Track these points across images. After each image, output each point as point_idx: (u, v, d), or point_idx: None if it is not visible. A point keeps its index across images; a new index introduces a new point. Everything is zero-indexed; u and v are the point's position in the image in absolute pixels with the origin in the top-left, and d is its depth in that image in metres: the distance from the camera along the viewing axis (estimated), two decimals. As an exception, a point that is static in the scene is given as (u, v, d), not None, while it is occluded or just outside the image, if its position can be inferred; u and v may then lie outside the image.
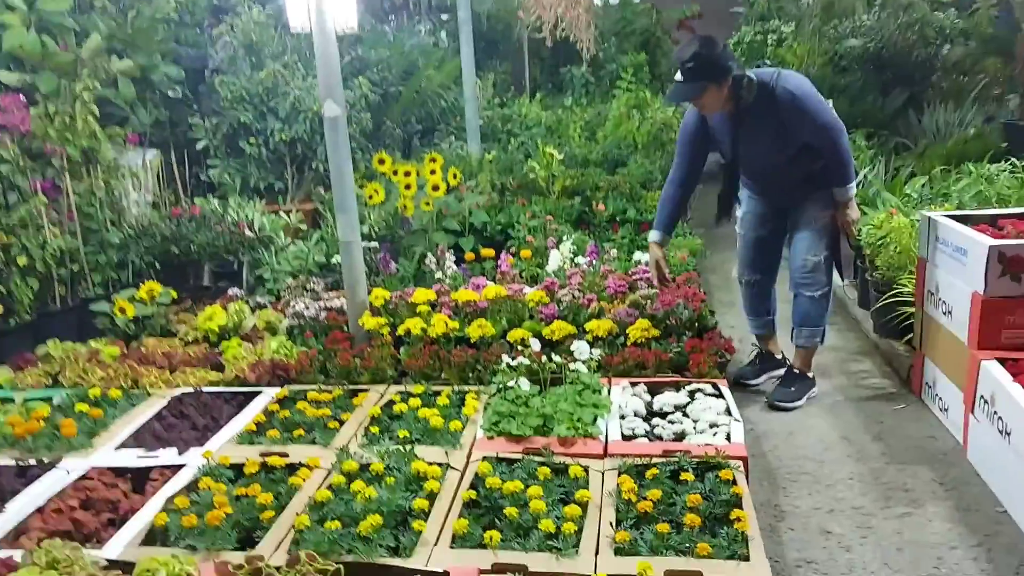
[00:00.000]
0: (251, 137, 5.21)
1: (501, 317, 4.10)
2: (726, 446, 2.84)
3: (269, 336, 4.07)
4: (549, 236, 5.21)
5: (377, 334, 3.93)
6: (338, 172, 3.93)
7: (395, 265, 4.71)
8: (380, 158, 5.41)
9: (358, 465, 2.79)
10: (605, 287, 4.32)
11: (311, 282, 4.38)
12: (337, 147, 3.91)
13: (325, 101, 3.88)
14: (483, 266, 5.06)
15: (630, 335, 3.75)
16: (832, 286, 3.76)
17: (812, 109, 3.44)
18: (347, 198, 3.96)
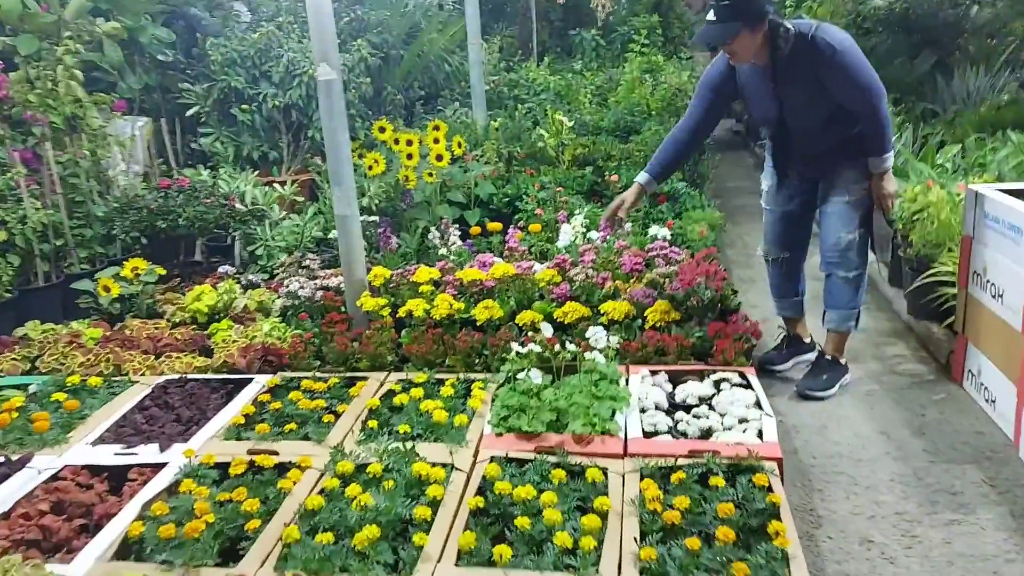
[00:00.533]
0: (243, 104, 4.91)
1: (509, 297, 3.83)
2: (758, 445, 2.59)
3: (261, 318, 3.81)
4: (559, 209, 4.92)
5: (376, 316, 3.67)
6: (333, 141, 3.65)
7: (396, 240, 4.43)
8: (380, 126, 5.11)
9: (354, 466, 2.54)
10: (620, 264, 4.04)
11: (307, 259, 4.10)
12: (332, 114, 3.62)
13: (319, 64, 3.59)
14: (489, 241, 4.79)
15: (648, 318, 3.48)
16: (867, 266, 3.47)
17: (853, 66, 3.13)
18: (343, 169, 3.68)
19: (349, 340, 3.48)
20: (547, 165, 5.96)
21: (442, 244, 4.49)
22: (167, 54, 5.71)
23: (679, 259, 4.15)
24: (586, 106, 7.41)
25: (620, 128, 6.83)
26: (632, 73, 7.49)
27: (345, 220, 3.73)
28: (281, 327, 3.69)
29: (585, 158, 6.01)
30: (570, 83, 7.81)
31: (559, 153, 6.01)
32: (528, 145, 6.07)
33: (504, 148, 6.05)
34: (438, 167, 4.93)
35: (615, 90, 7.84)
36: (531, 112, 7.32)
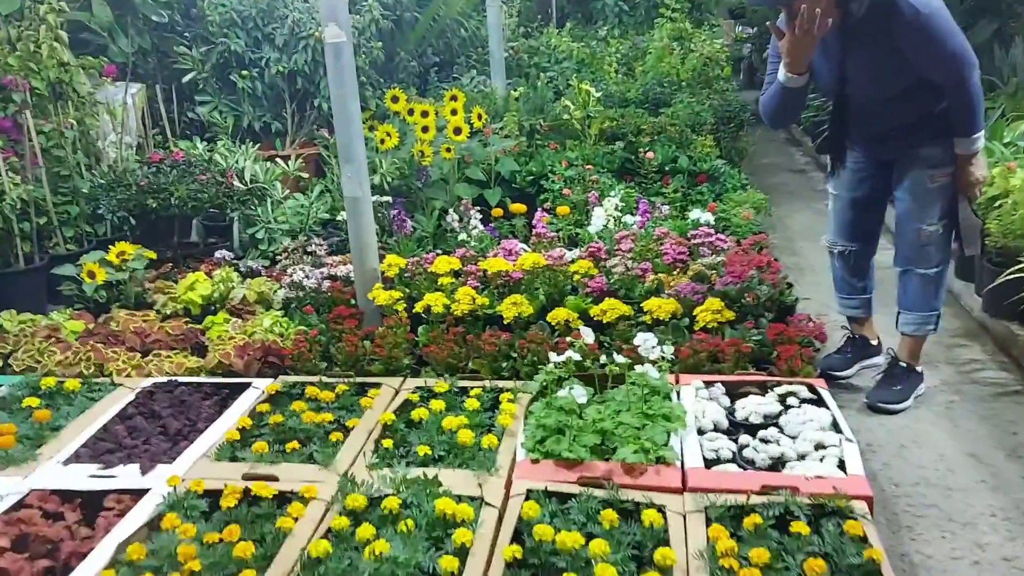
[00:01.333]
0: (243, 69, 4.48)
1: (539, 291, 3.43)
2: (842, 480, 2.19)
3: (261, 310, 3.41)
4: (589, 189, 4.49)
5: (391, 311, 3.28)
6: (343, 112, 3.23)
7: (411, 223, 4.02)
8: (394, 95, 4.68)
9: (366, 500, 2.15)
10: (661, 254, 3.63)
11: (312, 244, 3.70)
12: (342, 81, 3.20)
13: (327, 24, 3.16)
14: (512, 225, 4.38)
15: (698, 318, 3.07)
16: (949, 262, 3.05)
17: (940, 31, 2.68)
18: (354, 144, 3.26)
19: (360, 339, 3.09)
20: (572, 139, 5.52)
21: (461, 228, 4.08)
22: (162, 14, 5.27)
23: (725, 247, 3.75)
24: (612, 76, 6.94)
25: (649, 100, 6.37)
26: (661, 41, 7.00)
27: (356, 203, 3.32)
28: (283, 322, 3.30)
29: (613, 132, 5.56)
30: (594, 51, 7.32)
31: (585, 126, 5.56)
32: (552, 117, 5.62)
33: (526, 120, 5.61)
34: (456, 141, 4.50)
35: (641, 59, 7.36)
36: (553, 81, 6.86)
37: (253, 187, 3.78)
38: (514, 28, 7.78)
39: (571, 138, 5.57)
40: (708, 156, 4.96)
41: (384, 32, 5.12)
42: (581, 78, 6.31)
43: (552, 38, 7.62)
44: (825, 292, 4.11)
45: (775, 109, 2.95)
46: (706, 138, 5.37)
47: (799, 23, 2.64)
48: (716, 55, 6.86)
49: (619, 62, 7.24)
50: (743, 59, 12.65)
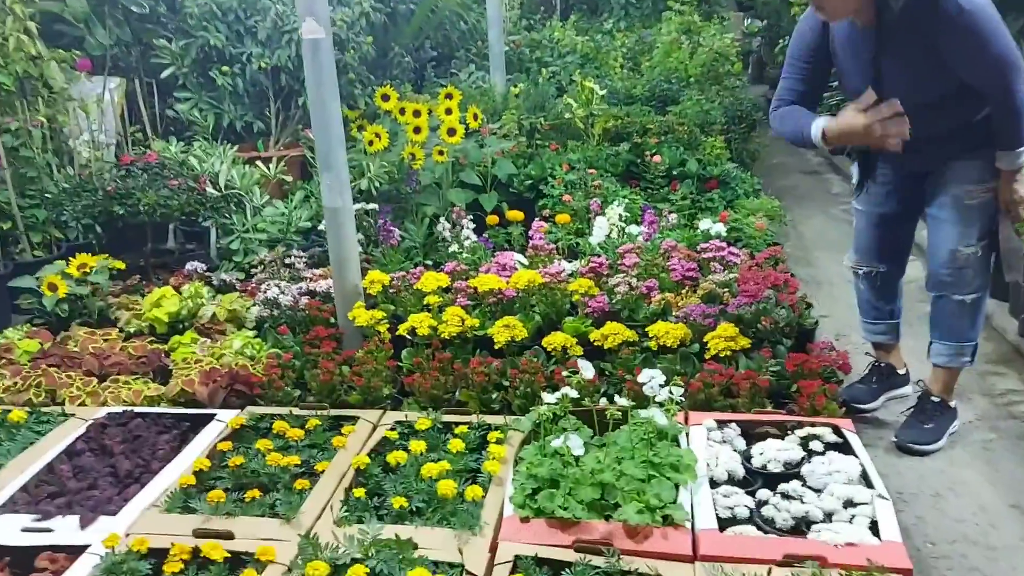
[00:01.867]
0: (224, 65, 4.19)
1: (535, 311, 3.15)
2: (876, 548, 1.91)
3: (232, 330, 3.14)
4: (591, 196, 4.20)
5: (372, 332, 3.00)
6: (323, 115, 2.95)
7: (399, 232, 3.73)
8: (384, 93, 4.39)
9: (328, 568, 1.88)
10: (668, 269, 3.34)
11: (291, 255, 3.42)
12: (321, 80, 2.92)
13: (304, 19, 2.87)
14: (508, 233, 4.09)
15: (710, 346, 2.78)
16: (988, 288, 2.76)
17: (984, 31, 2.38)
18: (334, 150, 2.98)
19: (338, 364, 2.81)
20: (574, 140, 5.23)
21: (453, 238, 3.80)
22: (143, 4, 4.97)
23: (738, 262, 3.46)
24: (617, 71, 6.63)
25: (655, 97, 6.07)
26: (669, 34, 6.69)
27: (336, 214, 3.04)
28: (255, 343, 3.02)
29: (618, 132, 5.27)
30: (599, 45, 7.01)
31: (588, 126, 5.27)
32: (553, 116, 5.32)
33: (526, 119, 5.32)
34: (450, 143, 4.21)
35: (647, 53, 7.05)
36: (555, 77, 6.55)
37: (228, 193, 3.49)
38: (515, 20, 7.47)
39: (573, 138, 5.27)
40: (719, 159, 4.67)
41: (376, 26, 4.83)
42: (585, 74, 6.01)
43: (555, 31, 7.31)
44: (844, 309, 3.84)
45: (789, 139, 2.71)
46: (716, 139, 5.07)
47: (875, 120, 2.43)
48: (726, 50, 6.54)
49: (625, 56, 6.94)
50: (752, 52, 12.30)
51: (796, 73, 2.68)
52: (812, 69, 2.65)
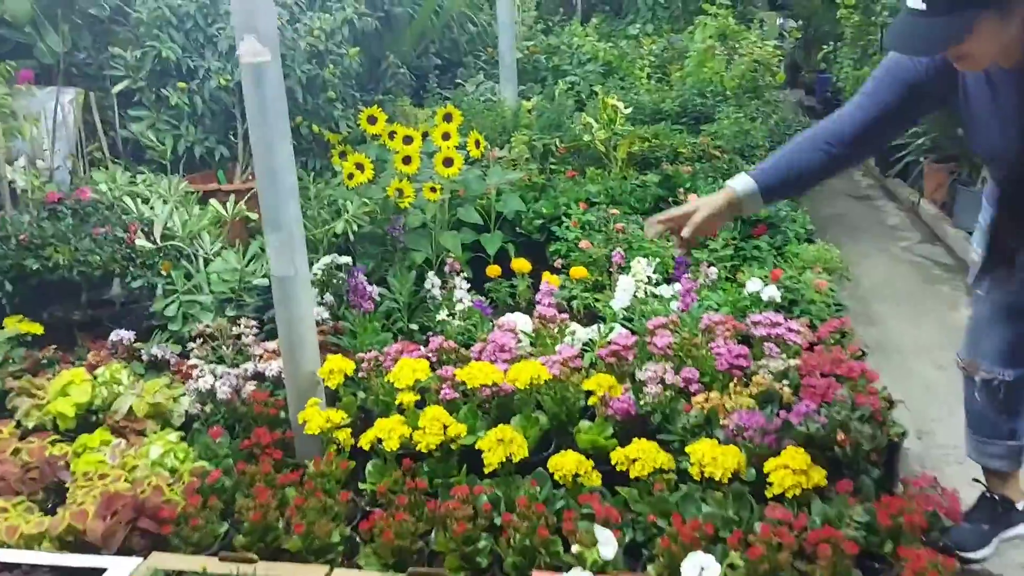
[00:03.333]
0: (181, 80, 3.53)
1: (542, 410, 2.46)
2: None
3: (155, 428, 2.47)
4: (613, 242, 3.50)
5: (330, 440, 2.33)
6: (268, 161, 2.28)
7: (377, 291, 3.05)
8: (371, 115, 3.72)
9: None
10: (711, 352, 2.64)
11: (239, 323, 2.75)
12: (265, 117, 2.25)
13: (242, 38, 2.20)
14: (513, 287, 3.41)
15: (772, 480, 2.08)
16: None
17: None
18: (283, 204, 2.31)
19: (278, 491, 2.14)
20: (595, 165, 4.54)
21: (443, 299, 3.11)
22: (103, 5, 4.32)
23: (798, 340, 2.76)
24: (643, 82, 5.92)
25: (687, 112, 5.35)
26: (703, 41, 5.96)
27: (286, 285, 2.37)
28: (180, 450, 2.35)
29: (644, 156, 4.57)
30: (623, 52, 6.30)
31: (610, 148, 4.57)
32: (571, 137, 4.62)
33: (539, 139, 4.62)
34: (447, 176, 3.53)
35: (678, 61, 6.32)
36: (574, 88, 5.85)
37: (166, 245, 2.83)
38: (531, 24, 6.77)
39: (593, 163, 4.58)
40: (765, 195, 3.94)
41: (367, 33, 4.15)
42: (607, 88, 5.30)
43: (575, 36, 6.60)
44: (922, 390, 3.15)
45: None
46: (759, 167, 4.34)
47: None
48: (768, 59, 5.81)
49: (652, 65, 6.21)
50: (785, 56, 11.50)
51: (882, 93, 1.92)
52: (909, 98, 1.91)
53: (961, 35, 1.59)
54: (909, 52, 1.74)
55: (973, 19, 1.57)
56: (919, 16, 1.59)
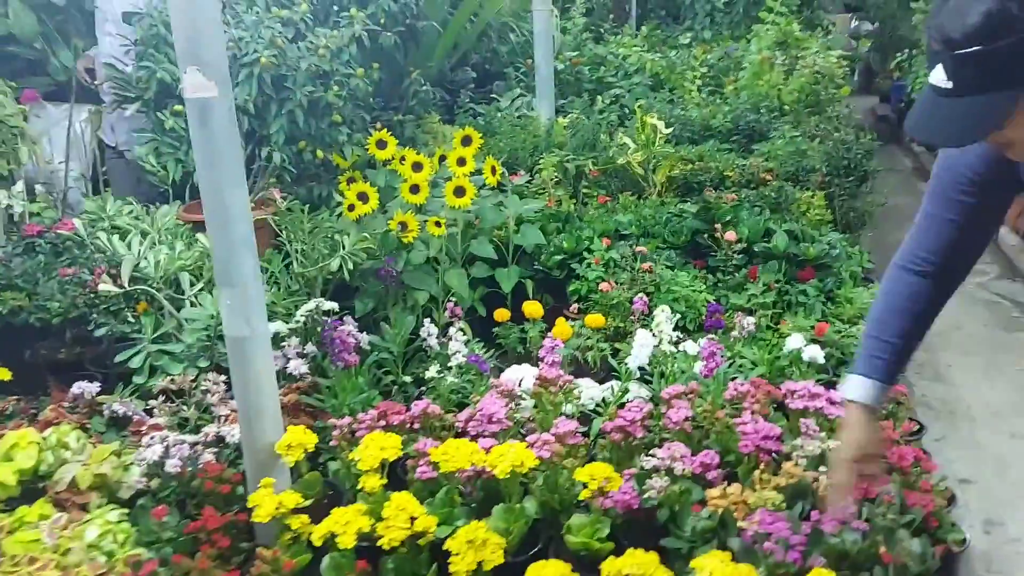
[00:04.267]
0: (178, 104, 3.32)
1: (530, 497, 2.13)
2: None
3: (98, 502, 2.22)
4: (638, 285, 3.13)
5: (283, 527, 2.04)
6: (218, 207, 2.01)
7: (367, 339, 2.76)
8: (379, 139, 3.44)
9: None
10: (736, 428, 2.26)
11: (207, 380, 2.48)
12: (214, 158, 1.98)
13: (186, 69, 1.93)
14: (524, 331, 3.08)
15: (795, 611, 1.70)
16: None
17: None
18: (236, 257, 2.03)
19: (213, 591, 1.86)
20: (631, 189, 4.16)
21: (440, 349, 2.80)
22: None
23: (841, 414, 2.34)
24: (693, 95, 5.50)
25: (739, 130, 4.92)
26: (761, 51, 5.50)
27: (240, 346, 2.09)
28: (122, 531, 2.10)
29: (686, 180, 4.18)
30: (673, 62, 5.88)
31: (648, 170, 4.19)
32: (605, 160, 4.26)
33: (571, 160, 4.27)
34: (457, 206, 3.22)
35: (733, 72, 5.88)
36: (617, 102, 5.47)
37: (134, 290, 2.59)
38: (577, 33, 6.40)
39: (630, 187, 4.20)
40: (817, 230, 3.52)
41: (386, 48, 3.86)
42: (648, 106, 4.91)
43: (622, 46, 6.21)
44: (995, 467, 2.69)
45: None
46: (814, 195, 3.91)
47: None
48: (831, 70, 5.32)
49: (705, 76, 5.78)
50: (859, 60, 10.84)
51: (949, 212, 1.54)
52: (978, 206, 1.52)
53: (1000, 119, 1.20)
54: (937, 142, 1.35)
55: (1014, 100, 1.18)
56: (946, 97, 1.21)
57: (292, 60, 3.26)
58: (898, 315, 1.62)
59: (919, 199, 1.64)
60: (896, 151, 7.57)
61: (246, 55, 3.17)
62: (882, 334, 1.63)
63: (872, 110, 10.07)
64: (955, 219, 1.55)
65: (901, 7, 8.86)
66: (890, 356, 1.62)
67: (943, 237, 1.58)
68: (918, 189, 6.27)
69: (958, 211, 1.55)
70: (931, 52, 1.22)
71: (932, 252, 1.59)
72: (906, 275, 1.61)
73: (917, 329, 1.63)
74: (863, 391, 1.64)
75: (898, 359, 1.63)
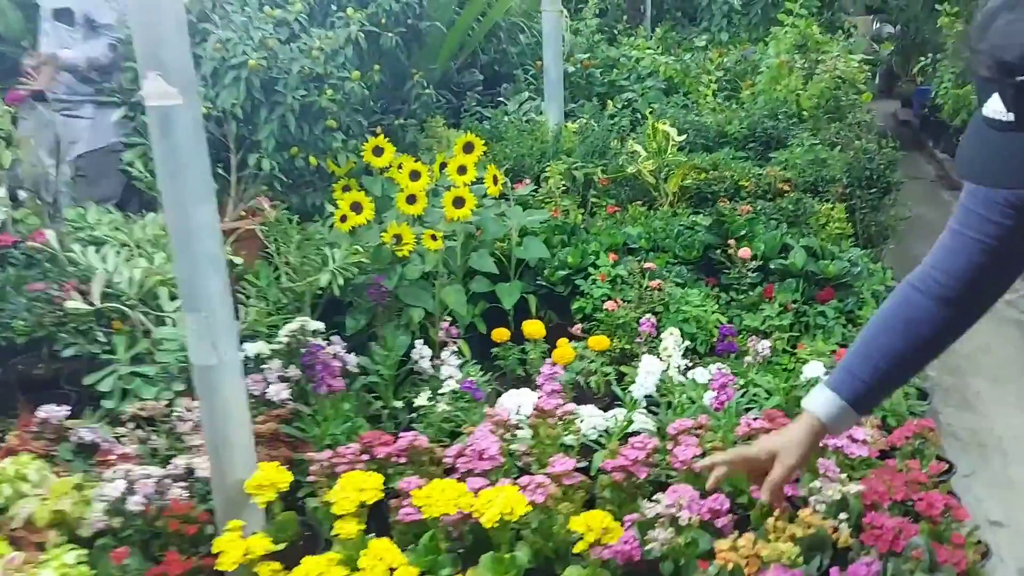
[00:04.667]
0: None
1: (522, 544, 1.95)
2: None
3: (60, 540, 2.05)
4: (646, 303, 2.95)
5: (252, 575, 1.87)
6: (181, 225, 1.85)
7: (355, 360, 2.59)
8: (376, 145, 3.27)
9: None
10: (748, 471, 2.06)
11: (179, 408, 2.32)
12: (176, 173, 1.82)
13: (147, 73, 1.76)
14: (525, 353, 2.90)
15: None
16: None
17: None
18: (201, 278, 1.87)
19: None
20: (642, 199, 3.98)
21: (434, 371, 2.63)
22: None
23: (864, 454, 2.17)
24: (708, 99, 5.30)
25: (755, 137, 4.72)
26: (779, 54, 5.29)
27: (207, 375, 1.93)
28: (79, 575, 1.93)
29: (699, 190, 3.98)
30: (688, 65, 5.68)
31: (660, 180, 4.00)
32: (614, 168, 4.07)
33: (579, 168, 4.09)
34: (457, 217, 3.04)
35: (750, 75, 5.68)
36: (630, 106, 5.28)
37: (104, 307, 2.44)
38: (590, 34, 6.21)
39: (640, 196, 4.02)
40: (837, 246, 3.32)
41: (386, 50, 3.70)
42: (662, 111, 4.72)
43: (635, 47, 6.01)
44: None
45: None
46: (834, 207, 3.71)
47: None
48: (853, 76, 5.11)
49: (722, 80, 5.58)
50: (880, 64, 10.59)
51: (983, 227, 1.34)
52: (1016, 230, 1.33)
53: None
54: (1003, 184, 1.15)
55: None
56: (1007, 131, 1.02)
57: (284, 62, 3.10)
58: (891, 334, 1.41)
59: (943, 210, 1.46)
60: (918, 158, 7.34)
61: (234, 57, 3.00)
62: (867, 350, 1.42)
63: (893, 115, 9.83)
64: (985, 241, 1.34)
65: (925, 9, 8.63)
66: (868, 377, 1.41)
67: (967, 260, 1.37)
68: (943, 199, 6.04)
69: (990, 232, 1.34)
70: (981, 81, 1.03)
71: (950, 275, 1.38)
72: (913, 294, 1.41)
73: (911, 357, 1.42)
74: (821, 404, 1.44)
75: (877, 385, 1.42)
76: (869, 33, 10.84)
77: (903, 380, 1.47)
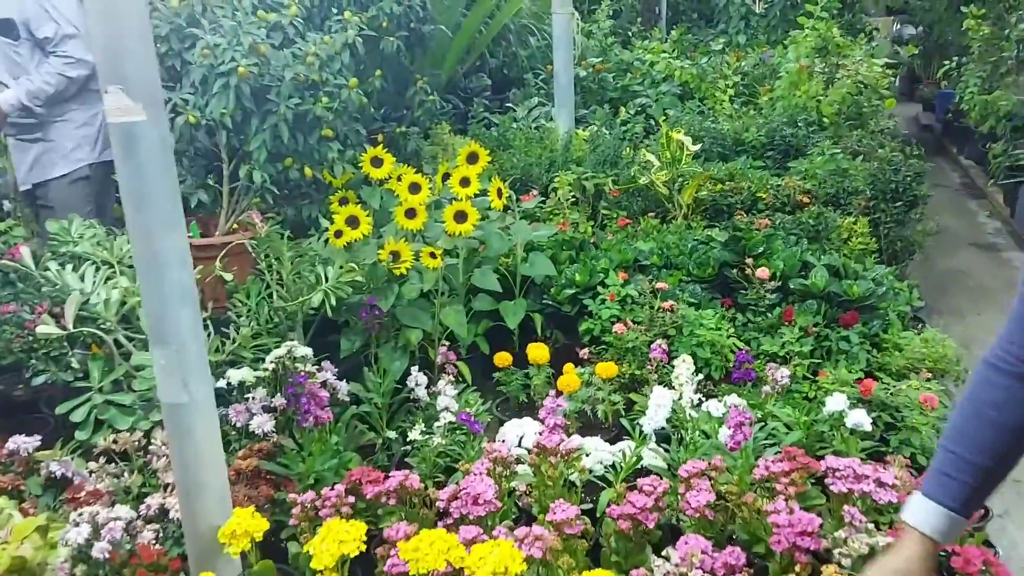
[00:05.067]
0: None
1: (514, 601, 1.78)
2: None
3: (20, 588, 1.91)
4: (657, 326, 2.77)
5: (221, 632, 1.71)
6: (147, 251, 1.69)
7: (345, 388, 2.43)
8: (375, 155, 3.11)
9: None
10: (768, 520, 1.89)
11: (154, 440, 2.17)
12: (140, 195, 1.66)
13: (107, 88, 1.61)
14: (527, 376, 2.74)
15: None
16: None
17: None
18: (171, 311, 1.72)
19: None
20: (655, 210, 3.80)
21: (431, 399, 2.47)
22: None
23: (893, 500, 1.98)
24: (724, 106, 5.11)
25: (773, 145, 4.52)
26: (799, 58, 5.10)
27: (177, 414, 1.77)
28: (38, 628, 1.78)
29: (714, 201, 3.80)
30: (704, 70, 5.49)
31: (673, 190, 3.82)
32: (627, 179, 3.90)
33: (589, 178, 3.92)
34: (458, 233, 2.88)
35: (769, 81, 5.48)
36: (643, 112, 5.10)
37: (78, 332, 2.29)
38: (603, 37, 6.04)
39: (654, 206, 3.85)
40: (860, 263, 3.13)
41: (387, 55, 3.55)
42: (676, 118, 4.54)
43: (649, 51, 5.82)
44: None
45: None
46: (857, 221, 3.52)
47: None
48: (876, 81, 4.90)
49: (739, 85, 5.39)
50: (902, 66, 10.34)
51: None
52: None
53: None
54: None
55: None
56: None
57: (276, 69, 2.94)
58: (984, 426, 1.25)
59: (968, 220, 1.30)
60: (943, 164, 7.11)
61: (223, 64, 2.85)
62: (959, 447, 1.26)
63: (915, 119, 9.59)
64: None
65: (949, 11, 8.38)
66: (967, 477, 1.25)
67: None
68: (968, 208, 5.81)
69: None
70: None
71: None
72: (996, 376, 1.24)
73: (1010, 447, 1.25)
74: (924, 517, 1.28)
75: (980, 483, 1.25)
76: (890, 35, 10.60)
77: (1007, 471, 1.28)
